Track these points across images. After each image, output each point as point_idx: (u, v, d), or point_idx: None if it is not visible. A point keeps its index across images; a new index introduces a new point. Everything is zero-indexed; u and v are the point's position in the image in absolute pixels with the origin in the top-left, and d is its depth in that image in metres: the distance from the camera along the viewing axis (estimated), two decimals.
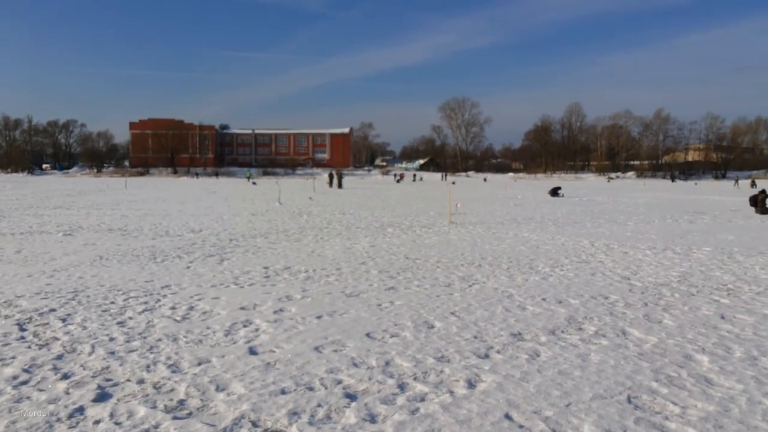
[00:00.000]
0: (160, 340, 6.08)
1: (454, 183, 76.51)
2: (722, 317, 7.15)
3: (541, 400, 4.53)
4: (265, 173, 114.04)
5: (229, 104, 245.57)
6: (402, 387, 4.84)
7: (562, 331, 6.45)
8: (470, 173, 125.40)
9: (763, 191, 25.73)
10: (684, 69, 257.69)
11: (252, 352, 5.71)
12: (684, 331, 6.52)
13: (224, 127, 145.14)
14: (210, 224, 18.29)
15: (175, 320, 6.85)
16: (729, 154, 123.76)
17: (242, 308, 7.43)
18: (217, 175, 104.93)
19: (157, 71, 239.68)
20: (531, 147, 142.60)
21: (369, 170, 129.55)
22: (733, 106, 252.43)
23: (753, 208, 24.98)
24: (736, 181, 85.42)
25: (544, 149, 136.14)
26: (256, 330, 6.47)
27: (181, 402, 4.52)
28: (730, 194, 46.64)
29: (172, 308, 7.41)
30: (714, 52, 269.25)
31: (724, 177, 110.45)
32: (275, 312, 7.24)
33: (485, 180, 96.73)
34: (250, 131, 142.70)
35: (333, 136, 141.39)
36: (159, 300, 7.86)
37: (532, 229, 17.51)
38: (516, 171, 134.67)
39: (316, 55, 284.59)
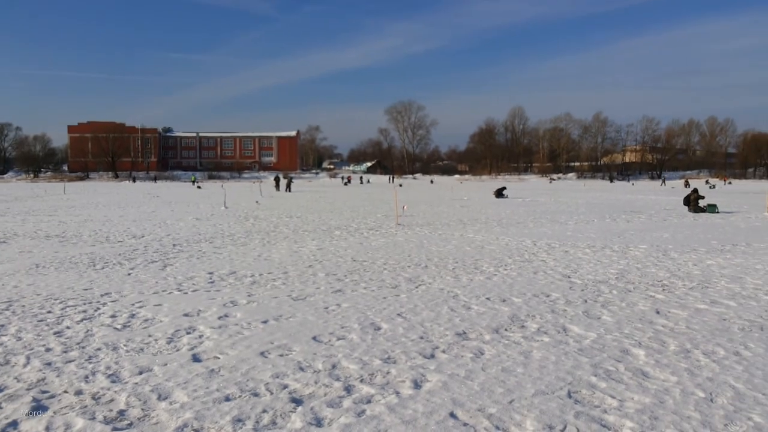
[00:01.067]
0: (99, 349, 5.90)
1: (401, 185, 77.01)
2: (657, 312, 7.44)
3: (485, 398, 4.61)
4: (211, 177, 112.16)
5: (172, 107, 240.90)
6: (348, 389, 4.84)
7: (506, 330, 6.58)
8: (417, 175, 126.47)
9: (696, 191, 26.89)
10: (621, 73, 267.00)
11: (195, 359, 5.61)
12: (621, 326, 6.76)
13: (167, 130, 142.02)
14: (153, 229, 17.85)
15: (116, 329, 6.66)
16: (664, 155, 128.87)
17: (186, 315, 7.29)
18: (155, 179, 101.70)
19: (97, 74, 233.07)
20: (476, 149, 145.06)
21: (317, 173, 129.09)
22: (667, 109, 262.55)
23: (686, 207, 26.06)
24: (663, 181, 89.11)
25: (489, 151, 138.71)
26: (200, 337, 6.35)
27: (122, 412, 4.40)
28: (665, 194, 48.52)
29: (112, 316, 7.20)
30: (649, 57, 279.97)
31: (659, 177, 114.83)
32: (220, 318, 7.13)
33: (432, 182, 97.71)
34: (194, 134, 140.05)
35: (280, 139, 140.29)
36: (98, 308, 7.63)
37: (477, 230, 17.79)
38: (462, 173, 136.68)
39: (261, 58, 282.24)
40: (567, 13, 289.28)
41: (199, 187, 69.90)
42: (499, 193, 39.92)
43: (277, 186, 55.17)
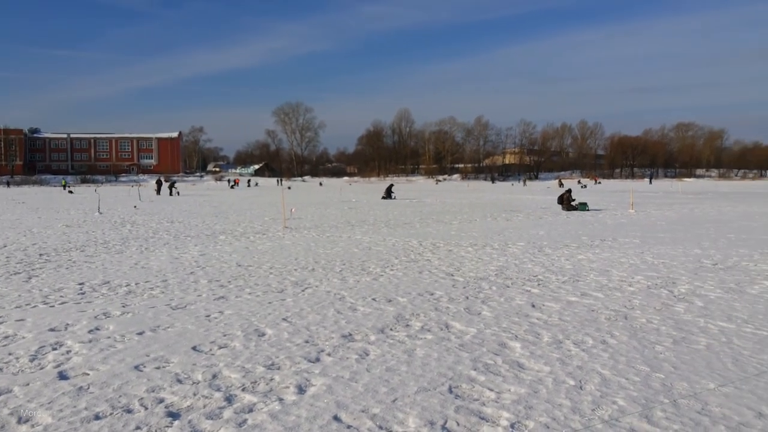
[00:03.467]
0: None
1: (289, 188, 76.24)
2: (533, 306, 7.81)
3: (369, 399, 4.62)
4: (84, 181, 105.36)
5: (39, 106, 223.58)
6: (230, 399, 4.68)
7: (391, 329, 6.65)
8: (306, 178, 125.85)
9: (569, 191, 28.66)
10: (501, 79, 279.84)
11: (62, 376, 5.20)
12: (500, 320, 7.03)
13: (34, 131, 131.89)
14: (16, 238, 16.45)
15: None
16: (540, 157, 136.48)
17: (52, 329, 6.75)
18: (8, 184, 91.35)
19: None
20: (364, 151, 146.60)
21: (201, 176, 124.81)
22: (542, 113, 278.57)
23: (560, 206, 27.69)
24: (524, 181, 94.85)
25: (377, 153, 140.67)
26: (68, 352, 5.90)
27: None
28: (541, 193, 51.34)
29: None
30: (526, 64, 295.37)
31: (536, 178, 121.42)
32: (90, 331, 6.67)
33: (321, 184, 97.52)
34: (65, 135, 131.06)
35: (161, 140, 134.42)
36: None
37: (365, 231, 17.92)
38: (351, 175, 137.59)
39: (140, 55, 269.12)
40: (451, 20, 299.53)
41: (71, 191, 65.44)
42: (388, 192, 40.48)
43: (158, 190, 52.79)
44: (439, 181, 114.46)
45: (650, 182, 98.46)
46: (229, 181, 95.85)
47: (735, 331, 6.53)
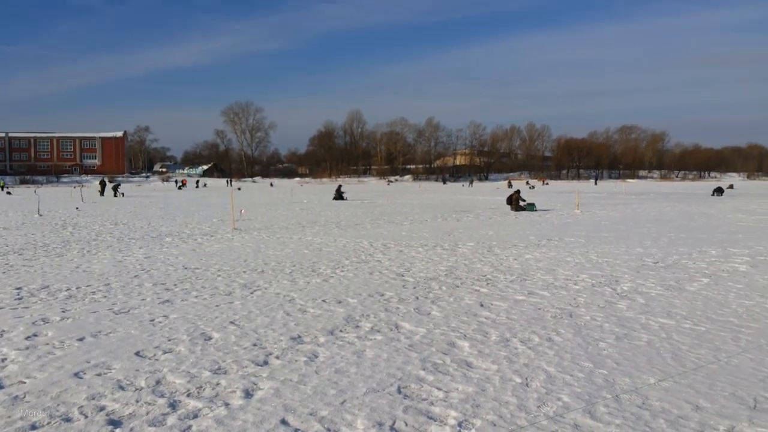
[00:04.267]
0: None
1: (239, 189, 75.20)
2: (481, 305, 7.90)
3: (318, 401, 4.58)
4: (23, 182, 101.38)
5: None
6: (174, 405, 4.56)
7: (341, 331, 6.61)
8: (257, 178, 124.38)
9: (518, 191, 29.17)
10: (451, 81, 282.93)
11: None
12: (449, 320, 7.08)
13: None
14: None
15: None
16: (490, 159, 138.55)
17: None
18: None
19: None
20: (316, 152, 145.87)
21: (147, 177, 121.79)
22: (492, 115, 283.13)
23: (509, 207, 28.15)
24: (471, 182, 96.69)
25: (329, 154, 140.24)
26: (2, 360, 5.65)
27: None
28: (491, 194, 52.10)
29: None
30: (476, 66, 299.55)
31: (486, 179, 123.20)
32: (28, 338, 6.40)
33: (272, 185, 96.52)
34: (2, 134, 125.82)
35: (104, 140, 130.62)
36: None
37: (316, 232, 17.81)
38: (302, 176, 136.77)
39: (83, 52, 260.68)
40: (402, 22, 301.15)
41: (8, 192, 62.88)
42: (339, 193, 40.35)
43: (102, 191, 51.26)
44: (391, 182, 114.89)
45: (595, 183, 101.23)
46: (176, 181, 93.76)
47: (674, 327, 6.75)
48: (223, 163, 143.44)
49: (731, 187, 67.88)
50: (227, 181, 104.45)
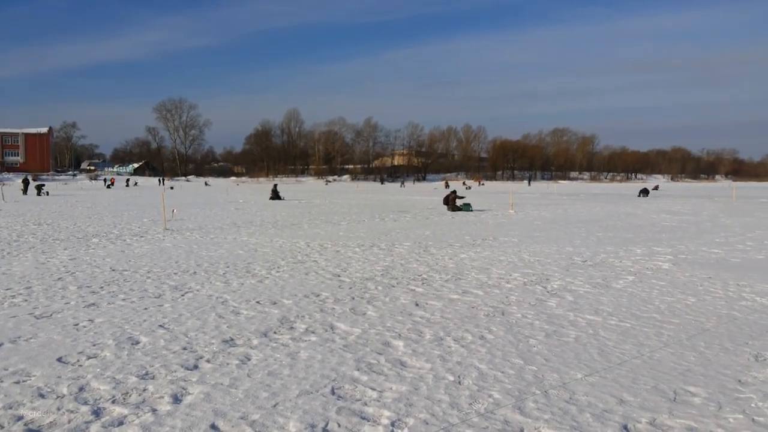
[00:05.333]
0: None
1: (172, 188, 73.30)
2: (417, 304, 7.95)
3: (249, 405, 4.49)
4: None
5: None
6: (97, 413, 4.38)
7: (275, 332, 6.52)
8: (191, 177, 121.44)
9: (454, 192, 29.57)
10: (389, 81, 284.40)
11: None
12: (384, 320, 7.10)
13: None
14: None
15: None
16: (427, 159, 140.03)
17: None
18: None
19: None
20: (253, 151, 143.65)
21: (74, 175, 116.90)
22: (429, 115, 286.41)
23: (446, 207, 28.51)
24: (402, 183, 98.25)
25: (266, 153, 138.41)
26: None
27: None
28: (427, 194, 52.67)
29: None
30: (415, 67, 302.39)
31: (424, 179, 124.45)
32: None
33: (207, 184, 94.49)
34: None
35: (28, 136, 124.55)
36: None
37: (251, 232, 17.53)
38: (239, 175, 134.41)
39: (4, 42, 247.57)
40: (341, 22, 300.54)
41: None
42: (275, 193, 39.88)
43: (25, 189, 48.90)
44: (329, 181, 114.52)
45: (529, 184, 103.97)
46: (105, 180, 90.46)
47: (601, 323, 6.98)
48: (155, 161, 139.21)
49: (656, 188, 71.06)
50: (159, 180, 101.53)
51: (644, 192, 48.70)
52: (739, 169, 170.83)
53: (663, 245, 14.44)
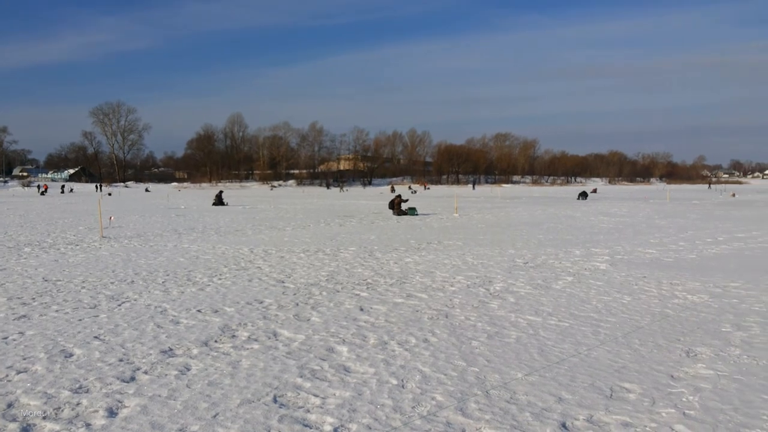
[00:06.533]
0: None
1: (110, 194, 71.14)
2: (361, 309, 7.94)
3: (188, 416, 4.38)
4: None
5: None
6: (27, 430, 4.19)
7: (216, 341, 6.39)
8: (130, 183, 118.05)
9: (399, 196, 29.74)
10: (334, 85, 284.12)
11: None
12: (328, 325, 7.06)
13: None
14: None
15: None
16: (373, 164, 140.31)
17: None
18: None
19: None
20: (195, 156, 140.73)
21: (5, 182, 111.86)
22: (375, 120, 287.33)
23: (391, 211, 28.63)
24: (341, 187, 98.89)
25: (208, 158, 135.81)
26: None
27: None
28: (373, 198, 52.76)
29: None
30: (360, 72, 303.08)
31: (370, 184, 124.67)
32: None
33: (147, 190, 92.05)
34: None
35: None
36: None
37: (193, 239, 17.15)
38: (180, 180, 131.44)
39: None
40: (283, 24, 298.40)
41: None
42: (219, 199, 39.19)
43: None
44: (274, 186, 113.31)
45: (473, 188, 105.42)
46: (38, 187, 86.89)
47: (541, 323, 7.14)
48: (92, 167, 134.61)
49: (595, 191, 73.27)
50: (97, 186, 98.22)
51: (583, 195, 50.16)
52: (673, 172, 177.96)
53: (601, 246, 14.89)
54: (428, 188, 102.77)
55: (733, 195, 57.70)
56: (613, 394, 4.84)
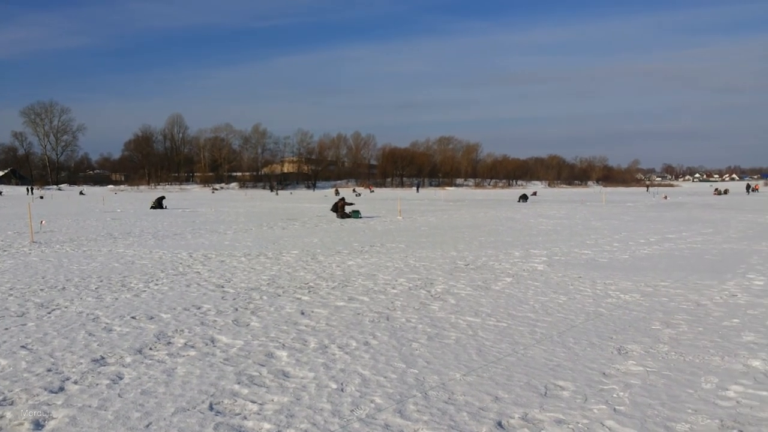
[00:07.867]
0: None
1: (42, 197, 68.45)
2: (302, 313, 7.88)
3: (119, 426, 4.24)
4: None
5: None
6: None
7: (150, 349, 6.21)
8: (63, 186, 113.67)
9: (343, 199, 29.70)
10: (278, 87, 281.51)
11: None
12: (268, 330, 6.97)
13: None
14: None
15: None
16: (318, 166, 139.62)
17: None
18: None
19: None
20: (132, 158, 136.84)
21: None
22: (319, 123, 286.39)
23: (335, 214, 28.54)
24: (276, 190, 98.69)
25: (147, 160, 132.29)
26: None
27: None
28: (317, 201, 52.52)
29: None
30: (304, 74, 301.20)
31: (315, 187, 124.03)
32: None
33: (82, 193, 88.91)
34: None
35: None
36: None
37: (129, 244, 16.65)
38: (117, 183, 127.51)
39: None
40: (226, 24, 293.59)
41: None
42: (158, 201, 38.21)
43: None
44: (216, 189, 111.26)
45: (417, 191, 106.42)
46: None
47: (480, 324, 7.25)
48: (23, 168, 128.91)
49: (535, 194, 75.01)
50: (28, 189, 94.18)
51: (524, 198, 51.33)
52: (609, 176, 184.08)
53: (539, 248, 15.26)
54: (373, 191, 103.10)
55: (665, 197, 60.14)
56: (547, 392, 4.95)
